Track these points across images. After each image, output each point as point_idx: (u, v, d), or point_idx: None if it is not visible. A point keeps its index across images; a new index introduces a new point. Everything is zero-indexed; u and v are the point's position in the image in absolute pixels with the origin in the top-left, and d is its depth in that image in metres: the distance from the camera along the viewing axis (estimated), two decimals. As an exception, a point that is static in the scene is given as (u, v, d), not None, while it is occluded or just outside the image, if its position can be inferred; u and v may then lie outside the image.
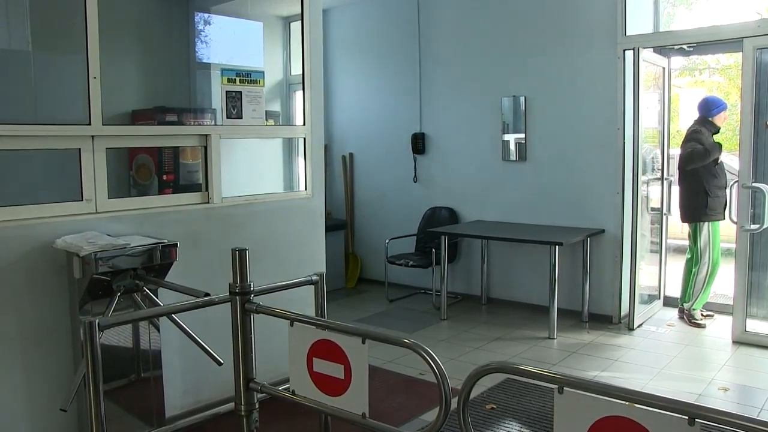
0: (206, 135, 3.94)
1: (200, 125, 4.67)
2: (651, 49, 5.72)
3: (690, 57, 6.97)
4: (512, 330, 5.72)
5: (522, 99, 6.29)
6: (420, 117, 7.08)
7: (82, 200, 3.40)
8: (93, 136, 3.40)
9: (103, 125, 3.42)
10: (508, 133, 6.44)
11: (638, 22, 5.74)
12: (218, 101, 4.14)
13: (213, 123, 4.58)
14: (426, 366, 1.95)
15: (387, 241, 6.84)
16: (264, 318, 2.35)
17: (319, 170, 4.63)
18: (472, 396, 1.90)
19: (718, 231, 5.72)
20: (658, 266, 6.29)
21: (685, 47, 5.84)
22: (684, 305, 5.84)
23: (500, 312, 6.30)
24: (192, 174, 4.60)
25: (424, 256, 6.71)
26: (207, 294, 2.65)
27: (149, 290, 3.21)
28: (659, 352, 5.05)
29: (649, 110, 5.97)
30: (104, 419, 2.17)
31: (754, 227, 5.06)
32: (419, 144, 7.07)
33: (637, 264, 5.64)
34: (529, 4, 6.17)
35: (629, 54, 5.55)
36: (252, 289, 2.34)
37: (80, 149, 3.37)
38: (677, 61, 6.72)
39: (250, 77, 4.10)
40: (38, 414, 3.21)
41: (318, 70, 4.57)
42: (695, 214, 5.71)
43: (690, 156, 5.58)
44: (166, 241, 3.29)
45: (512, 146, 6.42)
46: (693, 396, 4.18)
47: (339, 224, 7.49)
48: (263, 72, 4.21)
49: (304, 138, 4.51)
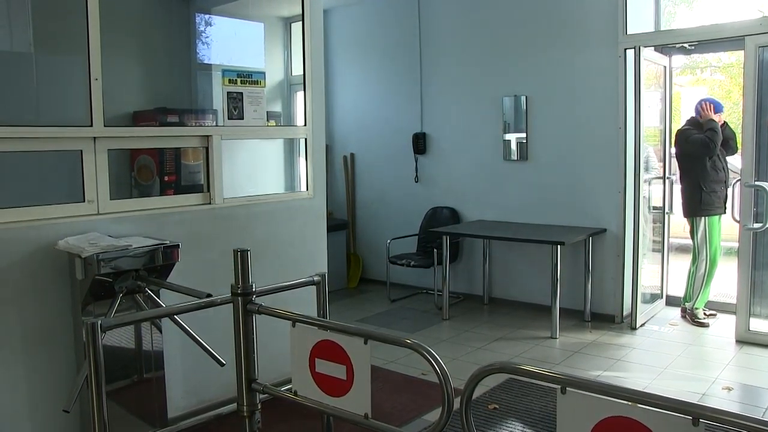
0: (208, 136, 3.94)
1: (201, 126, 4.67)
2: (652, 48, 5.72)
3: (691, 55, 6.96)
4: (514, 330, 5.71)
5: (523, 98, 6.29)
6: (421, 117, 7.08)
7: (84, 201, 3.40)
8: (95, 138, 3.40)
9: (105, 126, 3.43)
10: (510, 133, 6.43)
11: (639, 21, 5.73)
12: (219, 102, 4.15)
13: (214, 124, 4.58)
14: (428, 366, 1.95)
15: (388, 241, 6.84)
16: (265, 318, 2.34)
17: (321, 170, 4.63)
18: (475, 396, 1.89)
19: (716, 227, 5.71)
20: (661, 265, 6.28)
21: (687, 46, 5.83)
22: (686, 304, 5.83)
23: (502, 312, 6.30)
24: (193, 175, 4.60)
25: (426, 256, 6.71)
26: (209, 295, 2.65)
27: (151, 291, 3.21)
28: (662, 352, 5.05)
29: (651, 109, 5.96)
30: (107, 420, 2.17)
31: (757, 226, 5.05)
32: (420, 144, 7.06)
33: (639, 263, 5.63)
34: (530, 4, 6.16)
35: (630, 53, 5.54)
36: (254, 290, 2.34)
37: (82, 151, 3.38)
38: (678, 60, 6.71)
39: (252, 78, 4.10)
40: (41, 415, 3.21)
41: (319, 71, 4.57)
42: (690, 210, 5.75)
43: (705, 143, 5.56)
44: (168, 242, 3.29)
45: (513, 146, 6.42)
46: (696, 396, 4.17)
47: (340, 224, 7.49)
48: (264, 73, 4.21)
49: (306, 138, 4.51)
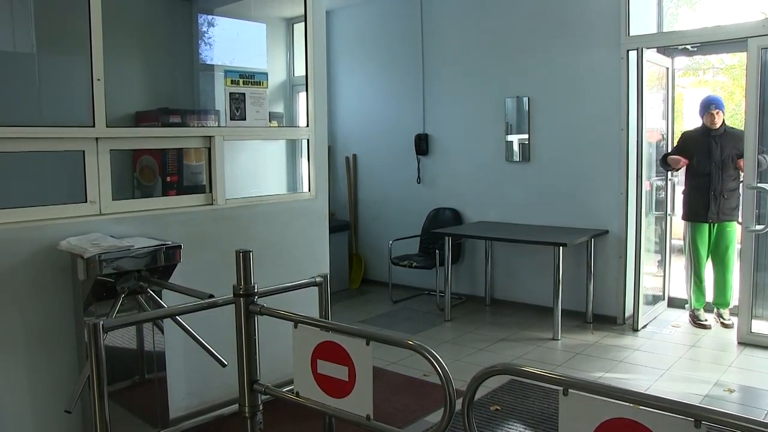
0: (210, 137, 3.94)
1: (204, 127, 4.68)
2: (655, 50, 5.71)
3: (694, 57, 6.95)
4: (516, 331, 5.71)
5: (525, 99, 6.29)
6: (423, 118, 7.08)
7: (87, 202, 3.40)
8: (97, 138, 3.40)
9: (107, 127, 3.43)
10: (512, 134, 6.43)
11: (642, 23, 5.73)
12: (221, 103, 4.15)
13: (216, 124, 4.58)
14: (430, 367, 1.95)
15: (390, 242, 6.84)
16: (267, 319, 2.34)
17: (323, 171, 4.63)
18: (477, 397, 1.89)
19: (697, 232, 5.68)
20: (663, 267, 6.27)
21: (689, 47, 5.83)
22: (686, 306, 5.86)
23: (504, 313, 6.29)
24: (196, 175, 4.60)
25: (428, 257, 6.70)
26: (211, 295, 2.65)
27: (153, 292, 3.21)
28: (664, 353, 5.04)
29: (653, 110, 5.95)
30: (108, 421, 2.17)
31: (759, 228, 5.04)
32: (423, 145, 7.06)
33: (642, 265, 5.62)
34: (533, 5, 6.16)
35: (633, 54, 5.54)
36: (256, 291, 2.34)
37: (84, 151, 3.38)
38: (681, 61, 6.71)
39: (254, 79, 4.11)
40: (43, 415, 3.21)
41: (321, 72, 4.57)
42: (683, 212, 5.87)
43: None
44: (170, 243, 3.29)
45: (516, 147, 6.41)
46: (698, 397, 4.17)
47: (342, 225, 7.49)
48: (267, 73, 4.21)
49: (308, 139, 4.51)
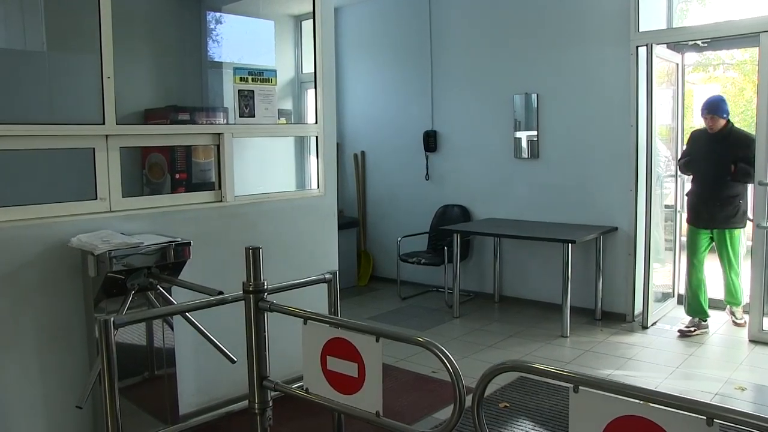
0: (219, 134, 3.94)
1: (212, 124, 4.69)
2: (664, 45, 5.68)
3: (704, 53, 6.91)
4: (525, 328, 5.70)
5: (534, 96, 6.27)
6: (432, 115, 7.07)
7: (97, 199, 3.42)
8: (107, 136, 3.41)
9: (117, 124, 3.44)
10: (520, 131, 6.41)
11: (651, 18, 5.70)
12: (230, 100, 4.15)
13: (225, 122, 4.59)
14: (439, 364, 1.95)
15: (399, 239, 6.84)
16: (276, 315, 2.35)
17: (332, 168, 4.63)
18: (485, 394, 1.89)
19: (693, 237, 5.50)
20: (672, 264, 6.24)
21: (700, 43, 5.78)
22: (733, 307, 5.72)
23: (513, 310, 6.28)
24: (204, 173, 4.62)
25: (437, 254, 6.70)
26: (221, 292, 2.65)
27: (163, 288, 3.22)
28: (674, 351, 5.02)
29: (663, 107, 5.92)
30: (119, 416, 2.18)
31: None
32: (431, 142, 7.05)
33: (651, 262, 5.60)
34: (542, 1, 6.14)
35: (642, 50, 5.51)
36: (266, 288, 2.35)
37: (94, 148, 3.39)
38: (690, 57, 6.67)
39: (263, 76, 4.11)
40: (54, 411, 3.23)
41: (330, 69, 4.56)
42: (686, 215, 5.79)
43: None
44: (180, 240, 3.30)
45: (524, 144, 6.40)
46: (709, 395, 4.15)
47: (351, 222, 7.49)
48: (275, 71, 4.21)
49: (317, 136, 4.51)
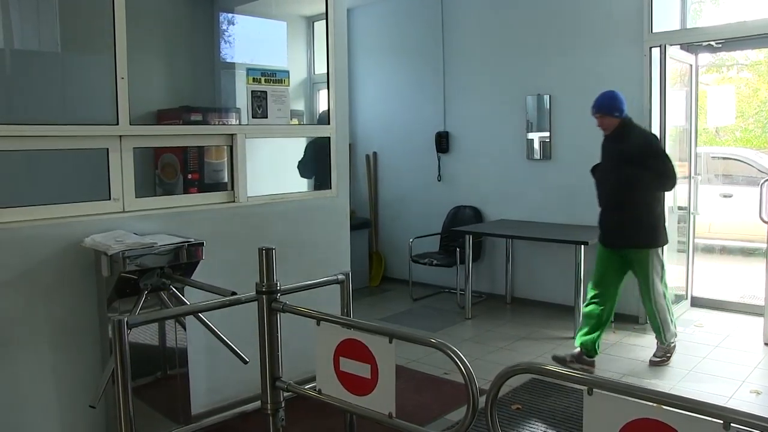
0: (232, 134, 3.95)
1: (225, 125, 4.70)
2: (678, 46, 5.65)
3: (717, 53, 6.87)
4: (537, 329, 5.68)
5: (546, 97, 6.24)
6: (444, 115, 7.06)
7: (110, 199, 3.43)
8: (120, 136, 3.43)
9: (131, 125, 3.46)
10: (533, 132, 6.40)
11: (665, 19, 5.67)
12: (243, 100, 4.16)
13: (237, 122, 4.60)
14: (451, 365, 1.94)
15: (411, 240, 6.83)
16: (288, 316, 2.35)
17: (344, 169, 4.63)
18: (498, 396, 1.88)
19: (598, 255, 4.75)
20: (686, 266, 6.20)
21: (714, 44, 5.75)
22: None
23: (525, 311, 6.26)
24: (217, 173, 4.63)
25: (448, 255, 6.69)
26: (234, 293, 2.66)
27: (176, 289, 3.23)
28: (687, 353, 4.98)
29: (676, 108, 5.88)
30: (132, 416, 2.19)
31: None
32: (443, 143, 7.04)
33: (664, 264, 5.54)
34: (554, 1, 6.12)
35: (656, 51, 5.48)
36: (279, 288, 2.35)
37: (108, 149, 3.41)
38: (704, 58, 6.63)
39: (276, 77, 4.12)
40: (67, 410, 3.25)
41: (343, 69, 4.57)
42: None
43: None
44: (193, 240, 3.31)
45: (536, 145, 6.38)
46: (723, 398, 4.12)
47: (363, 223, 7.49)
48: (288, 71, 4.22)
49: (329, 137, 4.52)
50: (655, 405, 1.55)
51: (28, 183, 3.69)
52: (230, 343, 3.11)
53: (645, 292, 4.69)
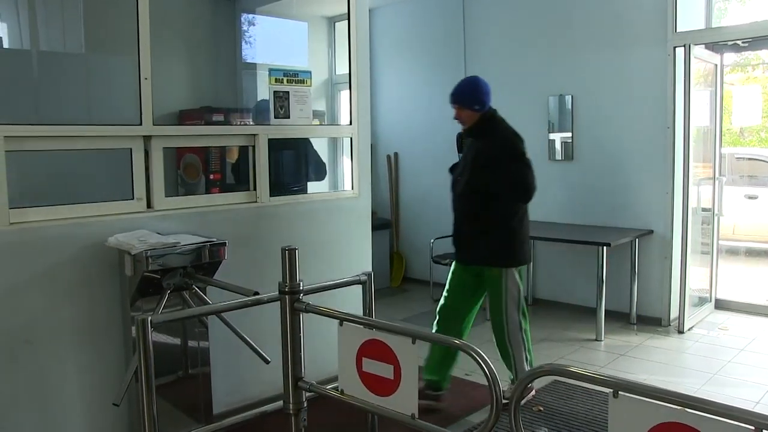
0: (254, 135, 3.96)
1: (246, 125, 4.72)
2: (702, 46, 5.58)
3: (742, 53, 6.78)
4: (558, 331, 5.64)
5: (569, 98, 6.20)
6: (464, 116, 7.02)
7: (134, 199, 3.46)
8: (144, 136, 3.45)
9: (154, 125, 3.48)
10: (555, 132, 6.35)
11: (689, 18, 5.60)
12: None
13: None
14: (473, 366, 1.93)
15: (432, 241, 6.81)
16: (310, 316, 2.35)
17: (366, 170, 4.63)
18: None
19: (452, 270, 4.10)
20: (710, 268, 6.13)
21: (740, 43, 5.67)
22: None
23: (546, 313, 6.22)
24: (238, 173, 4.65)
25: (469, 256, 6.65)
26: (256, 293, 2.66)
27: (198, 288, 3.24)
28: (711, 356, 4.92)
29: (700, 108, 5.81)
30: (156, 414, 2.21)
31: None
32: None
33: (688, 266, 5.49)
34: (577, 1, 6.07)
35: (680, 51, 5.41)
36: (302, 288, 2.35)
37: (132, 149, 3.43)
38: (728, 57, 6.54)
39: (298, 77, 4.12)
40: (91, 408, 3.27)
41: (364, 70, 4.57)
42: None
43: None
44: (215, 240, 3.32)
45: (558, 145, 6.33)
46: (750, 403, 4.05)
47: (384, 223, 7.49)
48: (310, 72, 4.23)
49: (351, 137, 4.52)
50: (682, 409, 1.53)
51: (54, 183, 3.73)
52: (252, 343, 3.12)
53: (497, 321, 3.92)
